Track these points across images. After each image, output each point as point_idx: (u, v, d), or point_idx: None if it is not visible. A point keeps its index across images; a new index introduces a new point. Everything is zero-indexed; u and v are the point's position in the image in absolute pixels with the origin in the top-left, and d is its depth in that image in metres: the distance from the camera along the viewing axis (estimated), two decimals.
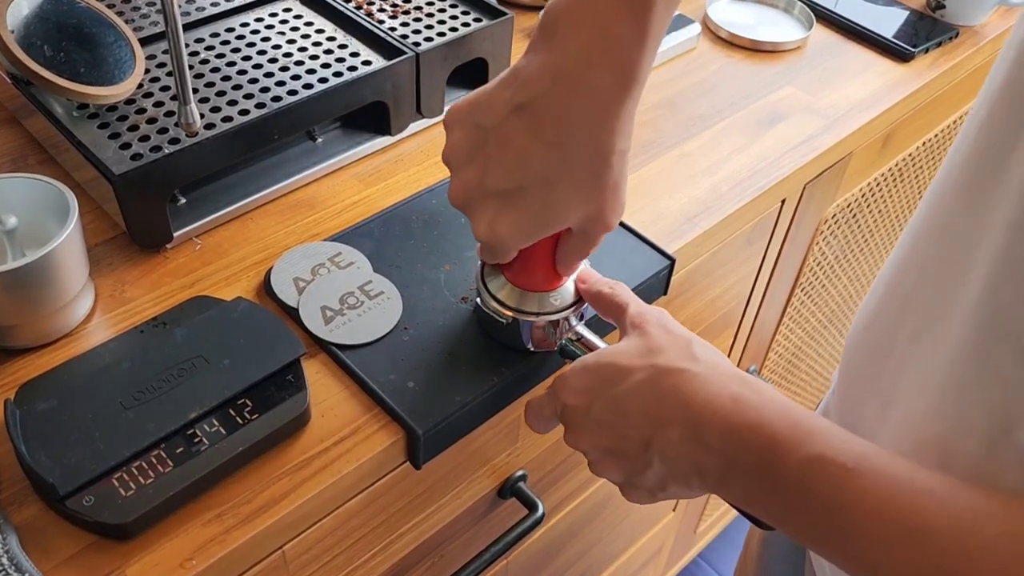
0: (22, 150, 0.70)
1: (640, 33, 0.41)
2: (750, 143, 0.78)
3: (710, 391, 0.43)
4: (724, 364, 0.46)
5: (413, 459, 0.55)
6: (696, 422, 0.43)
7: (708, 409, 0.43)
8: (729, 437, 0.42)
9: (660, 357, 0.46)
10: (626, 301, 0.51)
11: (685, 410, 0.43)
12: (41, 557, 0.45)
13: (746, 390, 0.43)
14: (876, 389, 0.49)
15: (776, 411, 0.42)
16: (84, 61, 0.62)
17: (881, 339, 0.49)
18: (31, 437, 0.48)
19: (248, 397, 0.52)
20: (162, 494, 0.47)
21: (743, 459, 0.41)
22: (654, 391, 0.45)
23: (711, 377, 0.44)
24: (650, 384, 0.45)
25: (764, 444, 0.40)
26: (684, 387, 0.44)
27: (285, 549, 0.51)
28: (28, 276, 0.52)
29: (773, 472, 0.40)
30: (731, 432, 0.42)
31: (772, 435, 0.40)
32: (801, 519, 0.40)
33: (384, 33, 0.73)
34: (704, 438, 0.43)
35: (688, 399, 0.43)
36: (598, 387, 0.47)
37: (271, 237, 0.65)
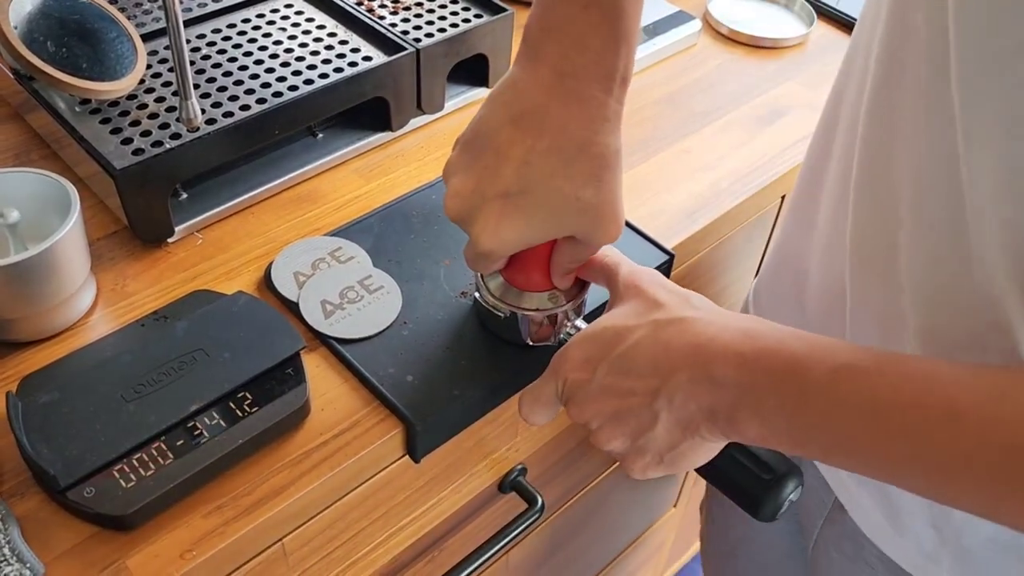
0: (25, 145, 0.70)
1: (616, 41, 0.43)
2: (750, 139, 0.79)
3: (716, 329, 0.43)
4: (726, 311, 0.45)
5: (412, 452, 0.55)
6: (705, 359, 0.42)
7: (717, 343, 0.42)
8: (744, 366, 0.41)
9: (659, 312, 0.45)
10: (616, 262, 0.50)
11: (692, 351, 0.43)
12: (43, 548, 0.46)
13: (754, 323, 0.43)
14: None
15: (790, 334, 0.41)
16: (86, 56, 0.62)
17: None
18: (33, 429, 0.48)
19: (248, 390, 0.52)
20: (162, 486, 0.47)
21: (761, 384, 0.40)
22: (658, 342, 0.44)
23: (715, 318, 0.44)
24: (652, 337, 0.44)
25: (784, 365, 0.40)
26: (689, 331, 0.43)
27: (285, 541, 0.52)
28: (30, 270, 0.53)
29: (798, 390, 0.39)
30: (746, 361, 0.41)
31: (791, 354, 0.40)
32: (833, 431, 0.39)
33: (385, 29, 0.73)
34: (715, 373, 0.42)
35: (694, 340, 0.43)
36: (600, 353, 0.46)
37: (272, 232, 0.65)
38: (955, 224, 0.42)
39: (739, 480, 0.48)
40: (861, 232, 0.50)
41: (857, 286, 0.52)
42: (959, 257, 0.42)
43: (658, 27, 0.88)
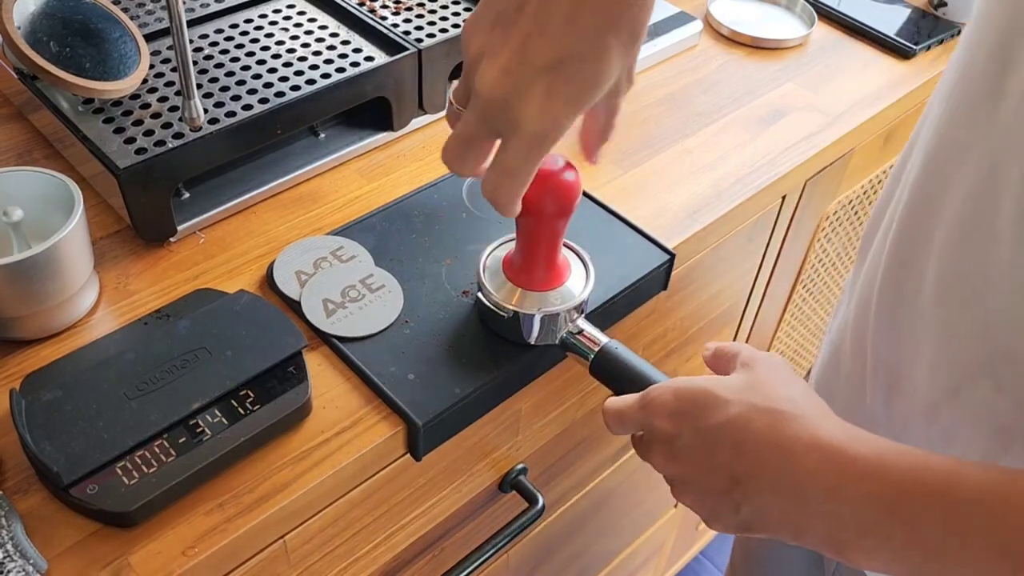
0: (28, 145, 0.71)
1: None
2: (751, 139, 0.79)
3: (813, 435, 0.40)
4: (828, 411, 0.43)
5: (413, 451, 0.55)
6: (798, 472, 0.40)
7: (812, 457, 0.40)
8: (839, 489, 0.39)
9: (759, 395, 0.43)
10: (739, 348, 0.49)
11: (783, 458, 0.40)
12: (45, 544, 0.46)
13: (853, 436, 0.40)
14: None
15: (896, 455, 0.39)
16: (90, 56, 0.63)
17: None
18: (36, 426, 0.48)
19: (250, 388, 0.52)
20: (165, 483, 0.48)
21: (852, 516, 0.38)
22: (748, 430, 0.42)
23: (812, 420, 0.41)
24: (744, 423, 0.42)
25: (888, 496, 0.38)
26: (782, 431, 0.41)
27: (286, 539, 0.52)
28: (33, 268, 0.53)
29: (902, 525, 0.37)
30: (841, 484, 0.39)
31: (898, 485, 0.38)
32: (955, 564, 0.37)
33: (387, 29, 0.73)
34: (805, 491, 0.40)
35: (787, 445, 0.41)
36: (691, 413, 0.44)
37: (274, 231, 0.65)
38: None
39: None
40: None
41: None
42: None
43: (659, 28, 0.89)
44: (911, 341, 0.48)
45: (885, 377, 0.51)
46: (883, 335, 0.51)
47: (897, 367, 0.50)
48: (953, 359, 0.45)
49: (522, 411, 0.66)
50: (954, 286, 0.45)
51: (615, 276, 0.63)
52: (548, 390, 0.67)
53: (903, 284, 0.49)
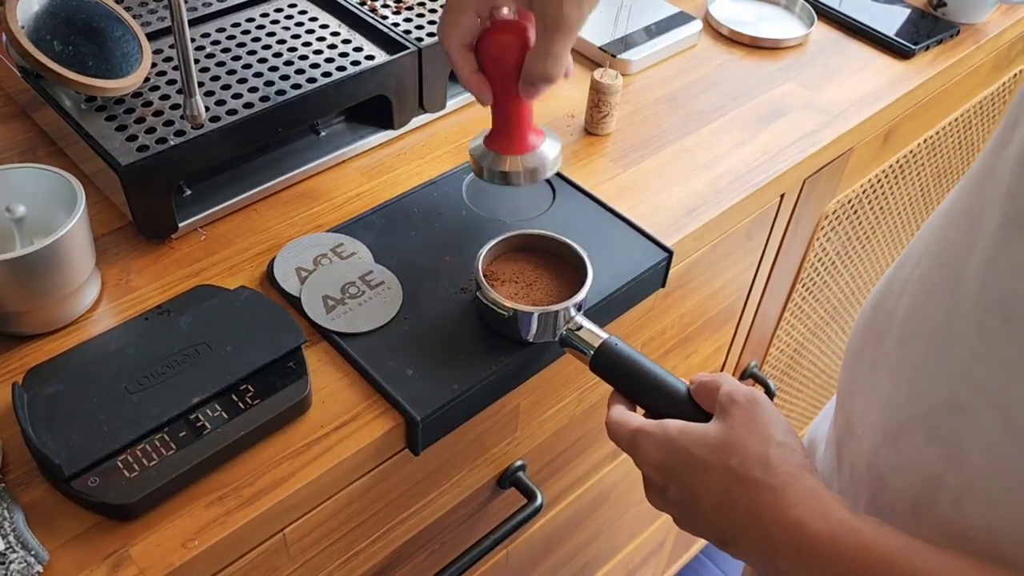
0: (31, 142, 0.71)
1: None
2: (750, 138, 0.79)
3: (778, 510, 0.43)
4: (802, 472, 0.45)
5: (412, 445, 0.56)
6: (766, 542, 0.44)
7: (776, 530, 0.43)
8: (799, 562, 0.42)
9: (735, 457, 0.46)
10: (719, 383, 0.51)
11: (754, 528, 0.44)
12: (47, 536, 0.47)
13: (813, 510, 0.43)
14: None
15: (848, 535, 0.41)
16: (92, 55, 0.63)
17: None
18: (38, 420, 0.49)
19: (250, 383, 0.53)
20: (165, 476, 0.48)
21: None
22: (726, 497, 0.45)
23: (781, 492, 0.44)
24: (722, 489, 0.46)
25: (835, 574, 0.41)
26: (754, 501, 0.44)
27: (286, 532, 0.52)
28: (36, 263, 0.53)
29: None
30: (799, 559, 0.42)
31: (845, 567, 0.41)
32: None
33: (387, 28, 0.74)
34: (775, 561, 0.43)
35: (758, 517, 0.44)
36: (673, 469, 0.48)
37: (274, 228, 0.66)
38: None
39: None
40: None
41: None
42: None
43: (659, 27, 0.89)
44: (871, 382, 0.49)
45: (844, 417, 0.52)
46: (850, 373, 0.52)
47: (852, 406, 0.50)
48: (900, 404, 0.46)
49: (520, 407, 0.66)
50: (917, 331, 0.45)
51: (613, 273, 0.63)
52: (546, 387, 0.68)
53: (875, 323, 0.50)
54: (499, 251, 0.59)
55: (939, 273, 0.45)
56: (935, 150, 1.08)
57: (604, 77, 0.74)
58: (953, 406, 0.42)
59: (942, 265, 0.45)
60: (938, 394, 0.43)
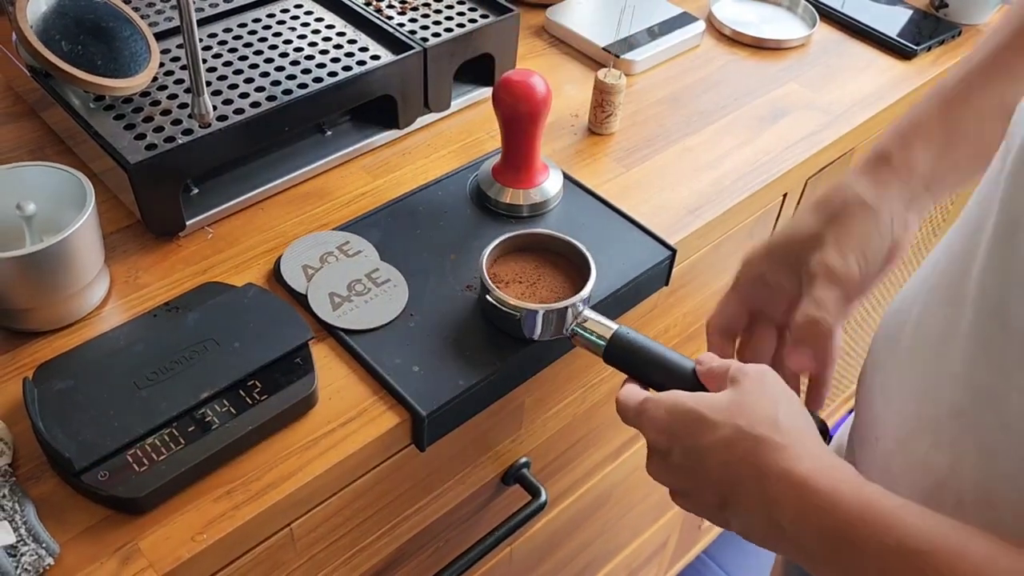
0: (40, 141, 0.72)
1: None
2: (753, 138, 0.80)
3: (784, 466, 0.43)
4: (808, 436, 0.45)
5: (418, 441, 0.56)
6: (769, 498, 0.43)
7: (781, 485, 0.43)
8: (801, 519, 0.42)
9: (744, 418, 0.45)
10: (728, 364, 0.51)
11: (759, 483, 0.43)
12: (58, 529, 0.47)
13: (818, 467, 0.43)
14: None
15: (849, 492, 0.41)
16: (101, 54, 0.64)
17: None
18: (48, 414, 0.50)
19: (257, 379, 0.53)
20: (174, 470, 0.49)
21: (812, 546, 0.41)
22: (732, 453, 0.45)
23: (789, 450, 0.44)
24: (728, 445, 0.45)
25: (835, 531, 0.40)
26: (761, 457, 0.44)
27: (293, 527, 0.53)
28: (46, 260, 0.54)
29: (848, 562, 0.40)
30: (801, 515, 0.42)
31: (845, 522, 0.40)
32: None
33: (393, 29, 0.74)
34: (776, 517, 0.43)
35: (763, 471, 0.43)
36: (680, 432, 0.47)
37: (281, 226, 0.67)
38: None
39: None
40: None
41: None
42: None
43: (662, 28, 0.90)
44: (885, 391, 0.49)
45: (860, 424, 0.52)
46: (866, 383, 0.52)
47: (868, 415, 0.51)
48: (909, 411, 0.46)
49: (525, 405, 0.67)
50: (925, 339, 0.46)
51: (617, 271, 0.64)
52: (550, 384, 0.68)
53: (890, 333, 0.50)
54: (499, 253, 0.60)
55: (946, 281, 0.45)
56: None
57: (608, 77, 0.75)
58: (955, 411, 0.43)
59: (948, 274, 0.45)
60: (942, 400, 0.43)
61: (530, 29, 0.92)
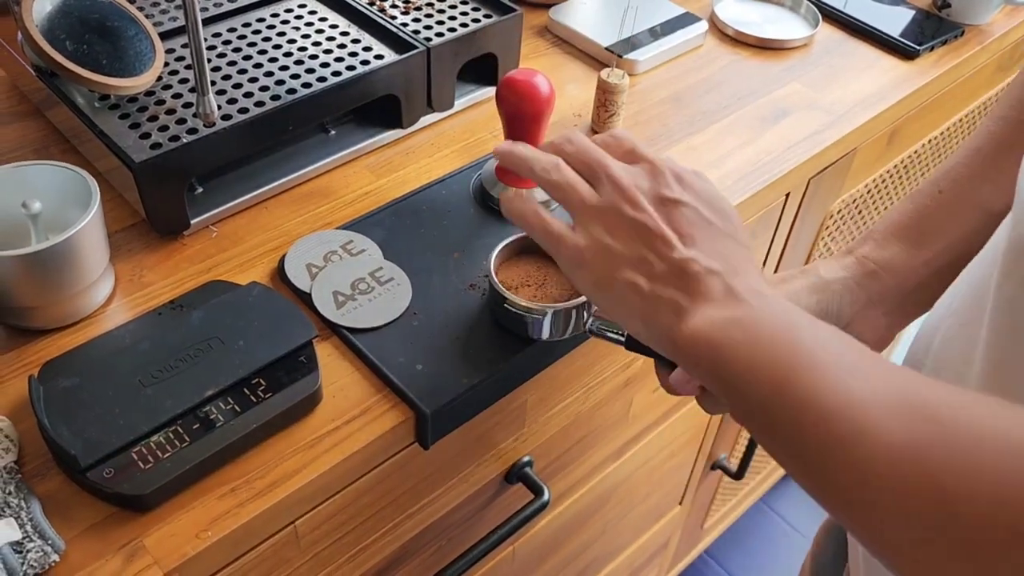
0: (45, 140, 0.72)
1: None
2: (755, 138, 0.80)
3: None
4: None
5: (421, 439, 0.56)
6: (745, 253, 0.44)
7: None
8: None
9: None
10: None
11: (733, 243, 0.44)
12: (63, 526, 0.47)
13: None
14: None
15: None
16: (106, 54, 0.64)
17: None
18: (54, 412, 0.50)
19: (262, 377, 0.53)
20: (179, 468, 0.49)
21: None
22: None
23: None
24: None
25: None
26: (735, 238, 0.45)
27: (297, 524, 0.53)
28: (51, 258, 0.54)
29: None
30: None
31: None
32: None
33: (396, 28, 0.75)
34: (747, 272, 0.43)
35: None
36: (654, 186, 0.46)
37: (285, 225, 0.67)
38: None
39: None
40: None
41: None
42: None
43: (665, 28, 0.90)
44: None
45: None
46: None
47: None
48: None
49: (528, 403, 0.67)
50: (947, 360, 0.46)
51: None
52: (553, 383, 0.68)
53: (919, 355, 0.50)
54: (501, 260, 0.60)
55: (967, 304, 0.45)
56: (939, 151, 1.08)
57: (611, 77, 0.75)
58: None
59: (968, 296, 0.45)
60: None
61: (533, 29, 0.92)
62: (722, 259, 0.44)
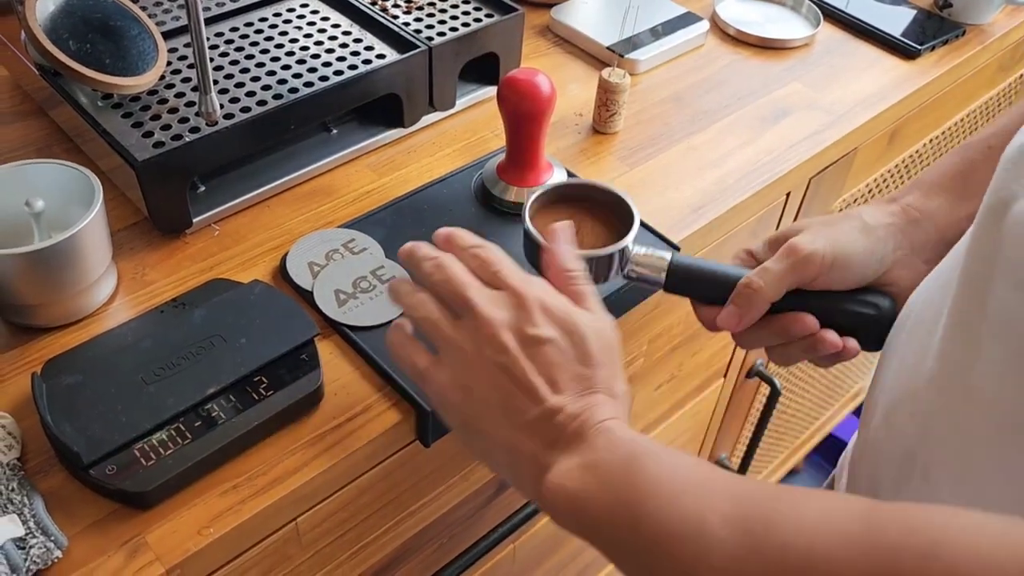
0: (48, 139, 0.72)
1: None
2: (756, 137, 0.80)
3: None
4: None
5: (422, 437, 0.56)
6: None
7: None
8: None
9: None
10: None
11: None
12: (66, 522, 0.48)
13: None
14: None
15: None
16: (109, 53, 0.64)
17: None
18: (57, 409, 0.50)
19: (264, 374, 0.54)
20: (181, 465, 0.49)
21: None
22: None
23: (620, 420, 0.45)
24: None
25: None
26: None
27: (298, 521, 0.53)
28: (54, 257, 0.54)
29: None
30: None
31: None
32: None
33: (398, 28, 0.75)
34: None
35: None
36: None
37: (287, 224, 0.67)
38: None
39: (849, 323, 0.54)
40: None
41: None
42: None
43: (666, 28, 0.90)
44: (886, 370, 0.50)
45: (864, 412, 0.53)
46: (876, 368, 0.53)
47: (871, 398, 0.52)
48: (898, 386, 0.47)
49: None
50: (922, 321, 0.47)
51: None
52: None
53: (903, 319, 0.51)
54: (536, 208, 0.59)
55: (946, 267, 0.46)
56: (940, 150, 1.08)
57: (612, 76, 0.75)
58: (930, 381, 0.43)
59: (947, 261, 0.47)
60: (923, 372, 0.44)
61: (534, 28, 0.92)
62: (585, 399, 0.44)
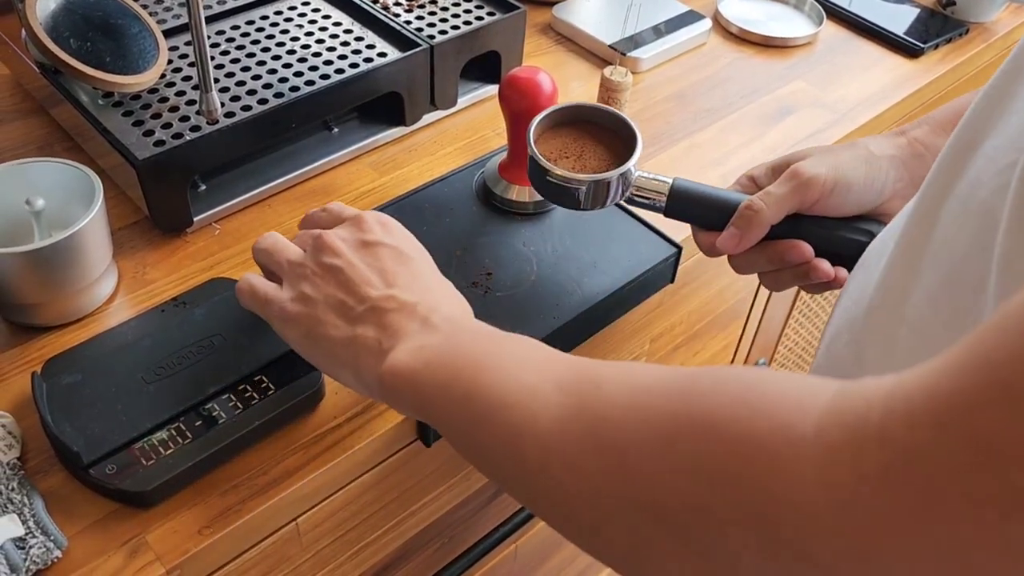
0: (48, 138, 0.72)
1: None
2: (759, 136, 0.80)
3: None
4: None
5: (423, 437, 0.56)
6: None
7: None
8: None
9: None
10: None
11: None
12: (65, 522, 0.47)
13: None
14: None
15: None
16: (110, 51, 0.64)
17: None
18: (56, 409, 0.50)
19: (264, 374, 0.53)
20: (181, 464, 0.49)
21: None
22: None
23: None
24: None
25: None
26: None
27: (299, 521, 0.53)
28: (54, 255, 0.54)
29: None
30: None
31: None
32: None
33: (399, 26, 0.75)
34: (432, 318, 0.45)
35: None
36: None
37: (288, 223, 0.67)
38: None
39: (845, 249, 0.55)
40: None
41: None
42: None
43: (669, 26, 0.90)
44: (845, 288, 0.51)
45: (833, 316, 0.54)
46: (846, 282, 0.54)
47: (835, 305, 0.52)
48: (841, 314, 0.47)
49: None
50: (878, 253, 0.47)
51: (623, 268, 0.64)
52: None
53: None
54: (539, 132, 0.60)
55: (910, 205, 0.46)
56: None
57: (614, 74, 0.75)
58: (868, 311, 0.44)
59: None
60: (864, 301, 0.44)
61: (536, 27, 0.92)
62: (421, 293, 0.46)
